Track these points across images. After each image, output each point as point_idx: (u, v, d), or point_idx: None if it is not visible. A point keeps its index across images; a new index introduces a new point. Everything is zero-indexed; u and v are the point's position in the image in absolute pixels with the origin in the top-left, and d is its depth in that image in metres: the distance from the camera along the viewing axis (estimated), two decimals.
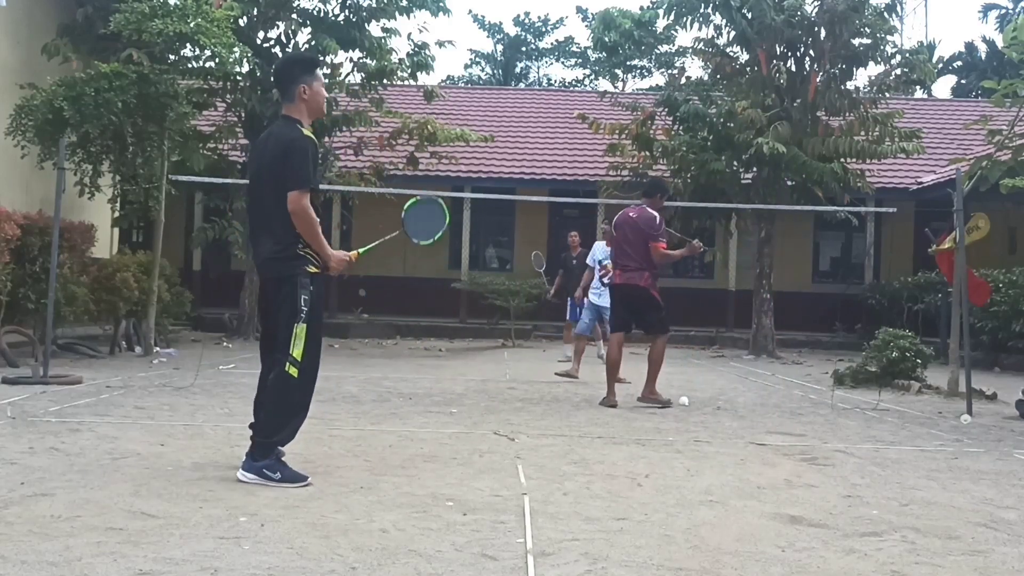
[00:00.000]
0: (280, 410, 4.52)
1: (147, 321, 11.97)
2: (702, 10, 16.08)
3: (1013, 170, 9.35)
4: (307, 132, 4.58)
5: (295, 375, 4.48)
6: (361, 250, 4.95)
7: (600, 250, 11.12)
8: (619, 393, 8.24)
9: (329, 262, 4.61)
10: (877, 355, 10.48)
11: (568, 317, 12.76)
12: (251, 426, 4.61)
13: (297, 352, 4.47)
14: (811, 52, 15.97)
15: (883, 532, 3.90)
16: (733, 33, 16.16)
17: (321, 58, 15.79)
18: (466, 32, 61.99)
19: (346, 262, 4.70)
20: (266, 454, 4.45)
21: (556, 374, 10.71)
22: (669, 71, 21.59)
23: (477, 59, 40.81)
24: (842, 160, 15.39)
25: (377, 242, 5.11)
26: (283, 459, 4.53)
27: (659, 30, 28.49)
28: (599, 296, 10.84)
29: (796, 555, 3.51)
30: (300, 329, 4.47)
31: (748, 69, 16.38)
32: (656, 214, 8.32)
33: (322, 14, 15.81)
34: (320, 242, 4.56)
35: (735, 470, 5.21)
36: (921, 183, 19.12)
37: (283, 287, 4.53)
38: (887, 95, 16.25)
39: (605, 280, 10.10)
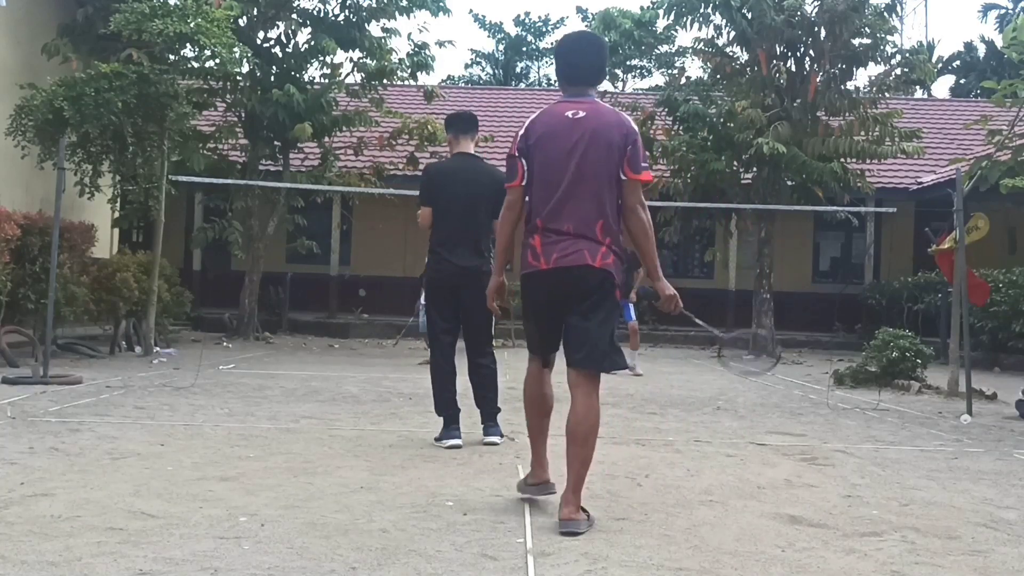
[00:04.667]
0: (496, 384, 5.96)
1: (147, 321, 11.96)
2: (702, 10, 16.08)
3: (1013, 170, 9.34)
4: None
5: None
6: None
7: None
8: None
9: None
10: (877, 355, 10.47)
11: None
12: (479, 403, 5.89)
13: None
14: (811, 52, 15.98)
15: (883, 532, 3.90)
16: (733, 33, 16.17)
17: (321, 58, 15.85)
18: (466, 32, 62.16)
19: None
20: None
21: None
22: (669, 71, 21.54)
23: (477, 59, 40.81)
24: (842, 160, 15.39)
25: None
26: None
27: (659, 30, 28.45)
28: None
29: (796, 555, 3.51)
30: (494, 321, 5.71)
31: (748, 69, 16.38)
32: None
33: (322, 14, 15.82)
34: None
35: (735, 470, 5.21)
36: (921, 183, 19.11)
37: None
38: (887, 95, 16.25)
39: None
